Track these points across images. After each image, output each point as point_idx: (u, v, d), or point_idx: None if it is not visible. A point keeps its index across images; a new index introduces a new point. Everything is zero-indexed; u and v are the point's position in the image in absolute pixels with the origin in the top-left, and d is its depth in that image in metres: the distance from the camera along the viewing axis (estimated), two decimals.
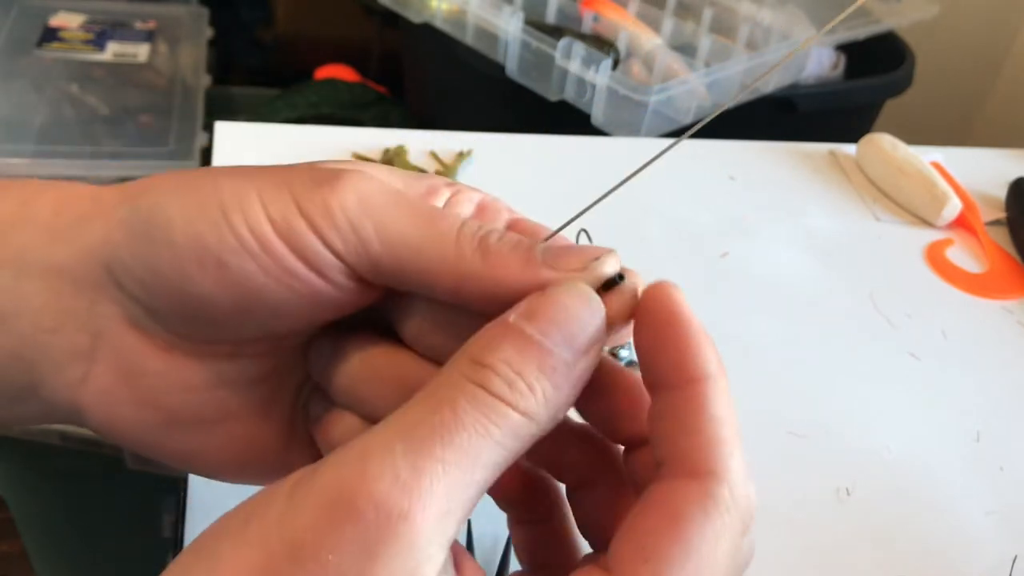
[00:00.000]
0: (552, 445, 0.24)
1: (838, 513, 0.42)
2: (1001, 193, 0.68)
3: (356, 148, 0.62)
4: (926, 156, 0.68)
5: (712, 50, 0.77)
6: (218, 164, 0.58)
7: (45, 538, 0.91)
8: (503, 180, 0.61)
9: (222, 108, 1.12)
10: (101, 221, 0.24)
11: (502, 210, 0.27)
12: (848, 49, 0.92)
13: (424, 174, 0.27)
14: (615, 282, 0.23)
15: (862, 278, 0.58)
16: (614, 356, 0.46)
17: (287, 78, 1.21)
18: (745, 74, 0.75)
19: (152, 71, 1.01)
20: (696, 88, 0.71)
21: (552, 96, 0.73)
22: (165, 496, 0.79)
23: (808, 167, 0.69)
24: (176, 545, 0.38)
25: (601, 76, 0.69)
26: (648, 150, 0.24)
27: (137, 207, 0.24)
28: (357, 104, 1.12)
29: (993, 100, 1.19)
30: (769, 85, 0.79)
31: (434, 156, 0.62)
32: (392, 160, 0.61)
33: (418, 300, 0.24)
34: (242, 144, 0.61)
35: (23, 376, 0.24)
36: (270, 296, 0.23)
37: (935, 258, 0.61)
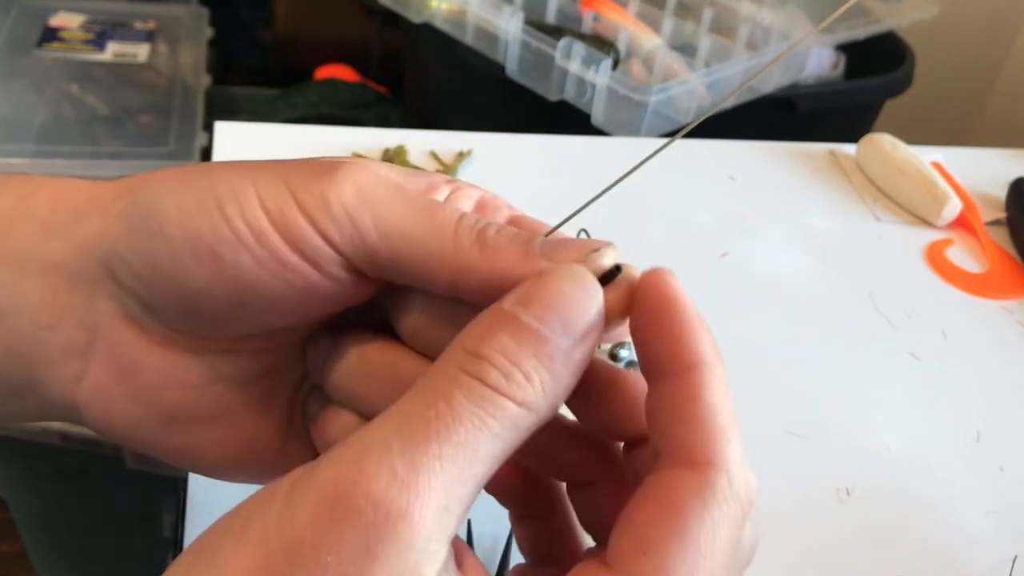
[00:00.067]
0: (549, 446, 0.24)
1: (838, 513, 0.42)
2: (1001, 193, 0.68)
3: (356, 148, 0.62)
4: (926, 156, 0.68)
5: (712, 50, 0.77)
6: None
7: (45, 538, 0.91)
8: (503, 180, 0.61)
9: (222, 108, 1.12)
10: (98, 216, 0.24)
11: (502, 207, 0.27)
12: (848, 49, 0.92)
13: (425, 172, 0.27)
14: (613, 274, 0.22)
15: (862, 278, 0.58)
16: (614, 357, 0.46)
17: (287, 78, 1.21)
18: (745, 74, 0.75)
19: (152, 71, 1.01)
20: (696, 88, 0.71)
21: (552, 96, 0.73)
22: (165, 496, 0.79)
23: (808, 167, 0.69)
24: (176, 545, 0.37)
25: (601, 76, 0.69)
26: (648, 150, 0.24)
27: (134, 202, 0.24)
28: (357, 104, 1.12)
29: (993, 100, 1.19)
30: (769, 85, 0.79)
31: (434, 156, 0.62)
32: (392, 160, 0.61)
33: (415, 295, 0.24)
34: (242, 144, 0.61)
35: (21, 373, 0.24)
36: (266, 290, 0.23)
37: (935, 258, 0.61)
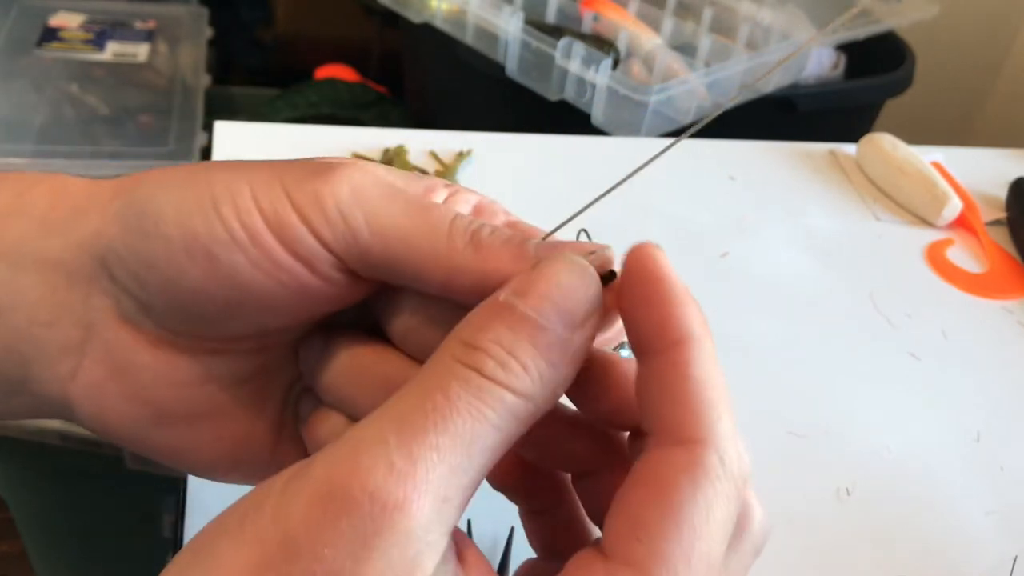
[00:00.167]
0: (551, 437, 0.24)
1: (838, 513, 0.42)
2: (1001, 193, 0.68)
3: (356, 148, 0.62)
4: (926, 156, 0.68)
5: (712, 50, 0.77)
6: None
7: (45, 538, 0.91)
8: (503, 180, 0.61)
9: (222, 108, 1.12)
10: (96, 214, 0.24)
11: (499, 212, 0.27)
12: (848, 49, 0.92)
13: (423, 175, 0.27)
14: (610, 278, 0.22)
15: (862, 278, 0.58)
16: None
17: (287, 78, 1.22)
18: (745, 74, 0.75)
19: (152, 71, 1.01)
20: (696, 88, 0.71)
21: (552, 96, 0.73)
22: (165, 496, 0.79)
23: (808, 167, 0.69)
24: (176, 545, 0.37)
25: (601, 76, 0.68)
26: (648, 150, 0.24)
27: (130, 200, 0.24)
28: (357, 104, 1.12)
29: (993, 100, 1.19)
30: (769, 85, 0.79)
31: (434, 156, 0.62)
32: (392, 160, 0.61)
33: (406, 297, 0.24)
34: (242, 144, 0.61)
35: (16, 370, 0.24)
36: (260, 290, 0.23)
37: (935, 258, 0.61)
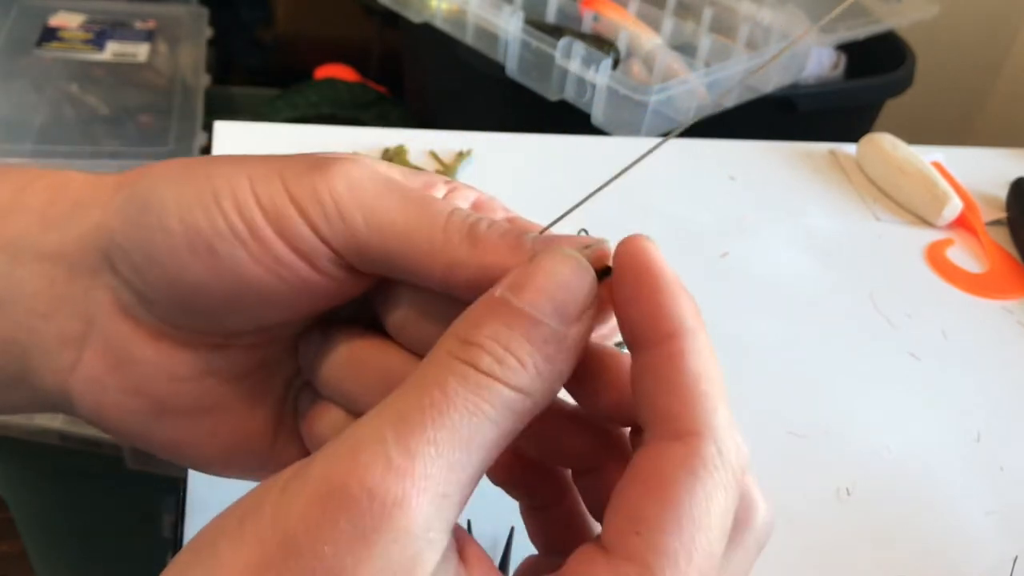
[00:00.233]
0: (551, 432, 0.24)
1: (838, 513, 0.42)
2: (1002, 193, 0.68)
3: (356, 148, 0.62)
4: (926, 156, 0.68)
5: (712, 50, 0.77)
6: None
7: (45, 538, 0.91)
8: (503, 180, 0.61)
9: (222, 108, 1.12)
10: (97, 207, 0.24)
11: (497, 208, 0.27)
12: (848, 49, 0.92)
13: (423, 172, 0.27)
14: (607, 272, 0.22)
15: (862, 278, 0.58)
16: None
17: (287, 78, 1.22)
18: (745, 74, 0.75)
19: (152, 71, 1.01)
20: (696, 88, 0.71)
21: (552, 96, 0.73)
22: (165, 496, 0.79)
23: (808, 167, 0.69)
24: (176, 545, 0.37)
25: (601, 76, 0.68)
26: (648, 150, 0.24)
27: (132, 194, 0.24)
28: (357, 104, 1.12)
29: (993, 100, 1.19)
30: (769, 85, 0.79)
31: (434, 156, 0.62)
32: (392, 160, 0.61)
33: (402, 290, 0.24)
34: (242, 144, 0.61)
35: (16, 363, 0.24)
36: (260, 285, 0.23)
37: (935, 258, 0.61)
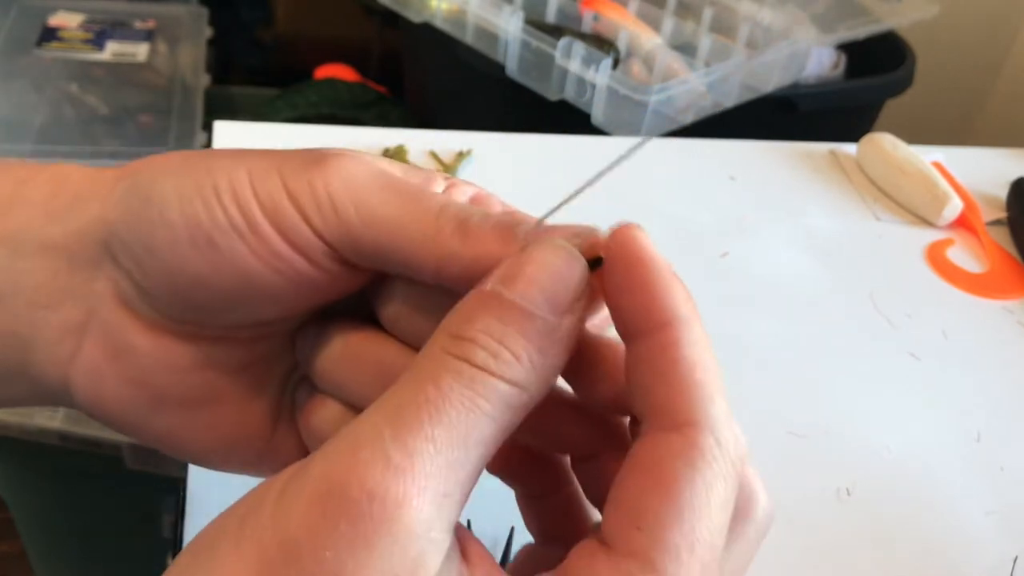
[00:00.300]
0: (549, 421, 0.24)
1: (838, 513, 0.42)
2: (1002, 193, 0.68)
3: (356, 148, 0.62)
4: (927, 156, 0.68)
5: (712, 50, 0.77)
6: None
7: (45, 538, 0.91)
8: (503, 180, 0.61)
9: (222, 108, 1.12)
10: (98, 200, 0.24)
11: (495, 204, 0.27)
12: (848, 49, 0.92)
13: (422, 169, 0.27)
14: (598, 263, 0.21)
15: (862, 278, 0.58)
16: None
17: (287, 78, 1.21)
18: (745, 74, 0.74)
19: (152, 71, 1.01)
20: (696, 88, 0.71)
21: (552, 96, 0.73)
22: (165, 496, 0.79)
23: (808, 167, 0.69)
24: (176, 545, 0.37)
25: (601, 76, 0.68)
26: (647, 150, 0.24)
27: (133, 186, 0.24)
28: (357, 104, 1.12)
29: (993, 100, 1.19)
30: (769, 85, 0.79)
31: (434, 156, 0.62)
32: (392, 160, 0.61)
33: (397, 283, 0.24)
34: (241, 144, 0.60)
35: (16, 354, 0.25)
36: (259, 279, 0.23)
37: (936, 258, 0.61)
